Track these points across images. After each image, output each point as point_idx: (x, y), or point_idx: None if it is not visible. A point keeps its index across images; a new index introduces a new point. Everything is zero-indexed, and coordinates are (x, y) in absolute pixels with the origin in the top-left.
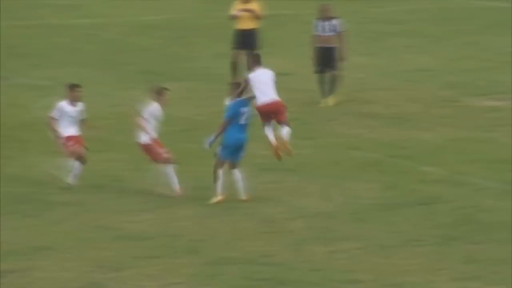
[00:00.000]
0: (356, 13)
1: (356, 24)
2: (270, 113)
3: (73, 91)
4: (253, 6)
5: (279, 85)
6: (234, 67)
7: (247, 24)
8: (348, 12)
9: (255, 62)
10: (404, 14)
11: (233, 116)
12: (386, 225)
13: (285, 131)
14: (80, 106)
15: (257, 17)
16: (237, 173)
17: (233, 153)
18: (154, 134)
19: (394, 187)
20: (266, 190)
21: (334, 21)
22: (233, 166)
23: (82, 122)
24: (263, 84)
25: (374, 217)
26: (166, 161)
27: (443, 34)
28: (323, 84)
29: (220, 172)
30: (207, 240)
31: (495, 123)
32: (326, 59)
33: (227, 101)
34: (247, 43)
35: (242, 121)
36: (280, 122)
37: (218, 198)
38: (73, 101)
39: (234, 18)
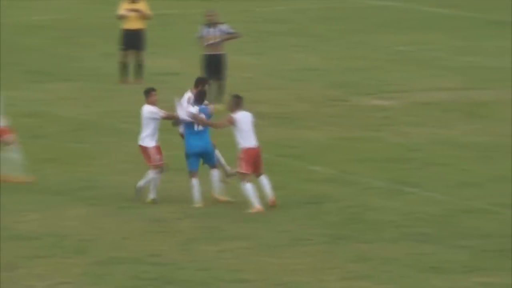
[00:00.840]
0: (244, 13)
1: (243, 24)
2: (253, 159)
3: None
4: (141, 6)
5: (167, 85)
6: (122, 67)
7: (134, 24)
8: (235, 12)
9: (238, 104)
10: (291, 14)
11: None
12: (274, 225)
13: (268, 186)
14: None
15: (144, 17)
16: (215, 173)
17: (197, 160)
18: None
19: (282, 187)
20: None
21: (221, 27)
22: (213, 167)
23: None
24: (247, 129)
25: (262, 217)
26: (157, 168)
27: (331, 33)
28: (211, 91)
29: (193, 181)
30: (96, 239)
31: (383, 122)
32: (214, 66)
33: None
34: (134, 43)
35: (197, 127)
36: (259, 174)
37: (197, 205)
38: None
39: (122, 18)
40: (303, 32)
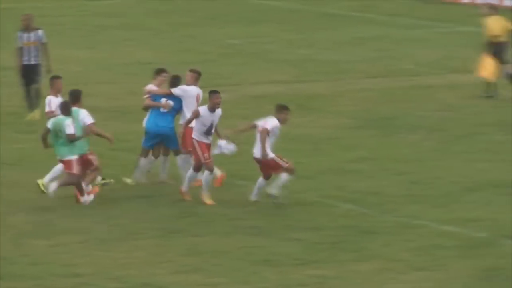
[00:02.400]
0: (75, 7)
1: (75, 18)
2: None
3: None
4: None
5: None
6: None
7: None
8: (67, 6)
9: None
10: (123, 7)
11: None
12: (107, 219)
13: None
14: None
15: None
16: (178, 160)
17: (153, 140)
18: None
19: (115, 181)
20: None
21: (38, 32)
22: (176, 152)
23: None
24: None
25: (95, 211)
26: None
27: (162, 27)
28: (29, 97)
29: (142, 159)
30: None
31: None
32: (30, 72)
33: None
34: None
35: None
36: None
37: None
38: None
39: None
40: (134, 26)
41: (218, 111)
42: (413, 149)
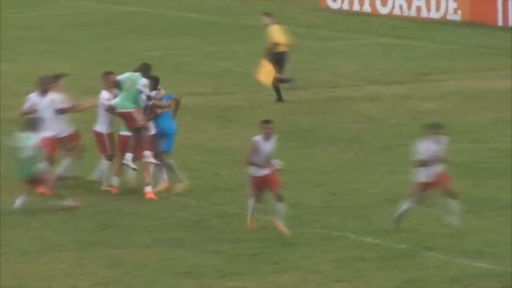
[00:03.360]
0: None
1: None
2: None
3: None
4: None
5: None
6: None
7: None
8: None
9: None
10: (42, 20)
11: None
12: (28, 231)
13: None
14: None
15: None
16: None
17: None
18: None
19: (34, 194)
20: None
21: None
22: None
23: None
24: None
25: (16, 223)
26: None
27: (81, 39)
28: None
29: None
30: None
31: None
32: None
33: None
34: None
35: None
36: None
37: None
38: None
39: None
40: (53, 38)
41: (273, 140)
42: (332, 160)
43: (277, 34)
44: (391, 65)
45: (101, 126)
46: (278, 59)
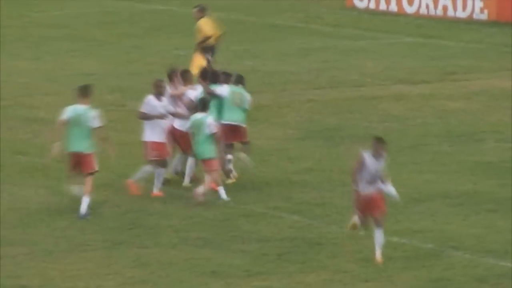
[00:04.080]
0: (20, 18)
1: (19, 29)
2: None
3: None
4: None
5: None
6: None
7: None
8: (12, 17)
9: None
10: (68, 19)
11: None
12: (53, 230)
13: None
14: None
15: None
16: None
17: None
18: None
19: (61, 192)
20: None
21: None
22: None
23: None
24: None
25: (41, 222)
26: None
27: (107, 38)
28: None
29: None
30: None
31: None
32: None
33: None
34: None
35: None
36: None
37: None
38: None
39: None
40: (79, 37)
41: (382, 159)
42: None
43: (207, 27)
44: (417, 64)
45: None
46: (208, 51)
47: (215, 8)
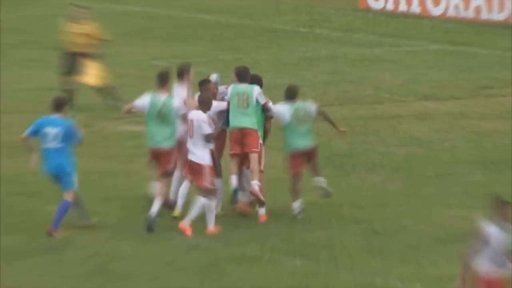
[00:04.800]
0: None
1: None
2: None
3: None
4: None
5: None
6: None
7: None
8: None
9: None
10: (23, 22)
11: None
12: (5, 278)
13: None
14: None
15: None
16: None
17: None
18: None
19: (19, 231)
20: None
21: None
22: None
23: None
24: None
25: None
26: None
27: None
28: None
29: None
30: None
31: (134, 152)
32: None
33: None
34: None
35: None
36: None
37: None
38: None
39: None
40: (37, 44)
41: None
42: (373, 192)
43: (97, 30)
44: (445, 77)
45: None
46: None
47: (202, 9)
